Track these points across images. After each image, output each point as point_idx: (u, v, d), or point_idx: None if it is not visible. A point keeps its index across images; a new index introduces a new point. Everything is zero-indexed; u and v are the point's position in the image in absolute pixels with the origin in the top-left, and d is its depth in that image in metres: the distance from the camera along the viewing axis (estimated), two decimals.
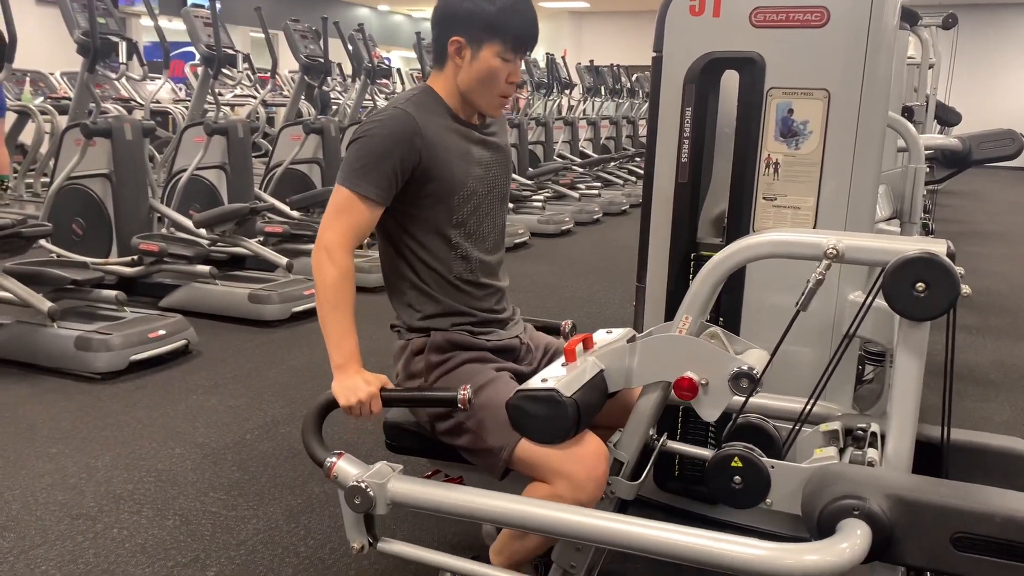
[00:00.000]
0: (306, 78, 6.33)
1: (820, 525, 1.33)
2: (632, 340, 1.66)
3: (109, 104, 7.80)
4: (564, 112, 11.67)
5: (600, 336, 1.74)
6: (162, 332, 3.81)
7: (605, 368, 1.66)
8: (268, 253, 5.03)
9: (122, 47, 5.78)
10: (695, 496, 2.21)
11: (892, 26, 1.96)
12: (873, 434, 1.64)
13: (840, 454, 1.60)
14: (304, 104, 9.00)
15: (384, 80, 9.78)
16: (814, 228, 2.00)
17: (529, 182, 8.47)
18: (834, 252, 1.43)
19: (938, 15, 5.92)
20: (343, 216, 1.72)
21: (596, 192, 9.21)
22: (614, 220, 8.63)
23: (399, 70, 13.14)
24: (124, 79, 8.35)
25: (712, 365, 1.54)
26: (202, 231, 4.88)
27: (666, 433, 2.00)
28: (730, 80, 2.05)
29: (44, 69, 9.14)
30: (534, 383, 1.61)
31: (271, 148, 6.21)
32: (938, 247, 1.39)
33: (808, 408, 1.56)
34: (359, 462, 1.62)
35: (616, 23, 20.23)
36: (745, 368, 1.51)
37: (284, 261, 4.89)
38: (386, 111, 1.78)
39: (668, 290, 2.13)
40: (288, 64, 9.26)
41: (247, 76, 8.86)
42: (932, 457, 1.56)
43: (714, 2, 2.01)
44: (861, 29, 1.91)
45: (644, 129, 9.62)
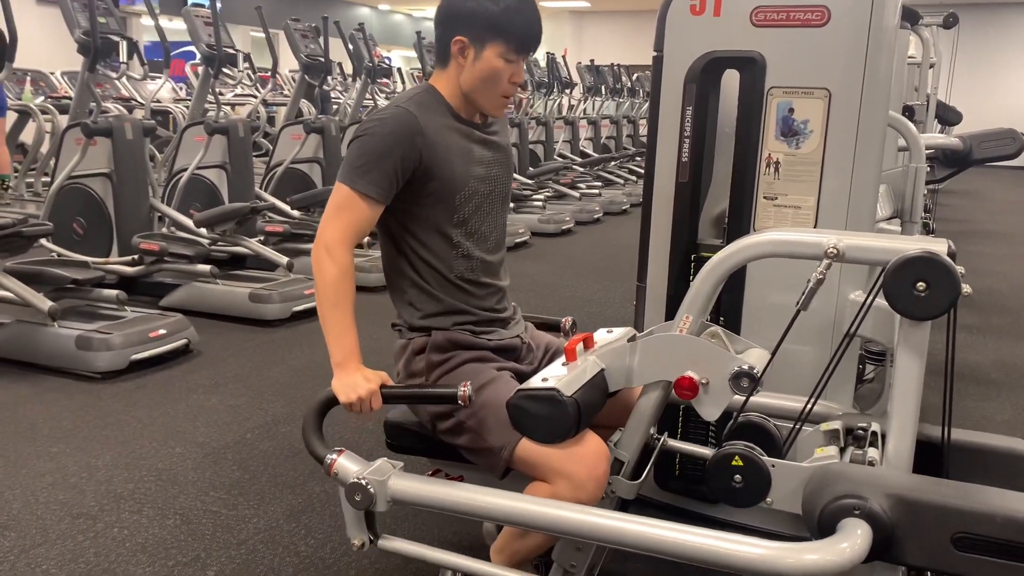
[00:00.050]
0: (307, 77, 6.33)
1: (821, 524, 1.33)
2: (633, 339, 1.66)
3: (110, 103, 7.81)
4: (565, 111, 11.66)
5: (601, 335, 1.74)
6: (163, 331, 3.81)
7: (606, 367, 1.66)
8: (269, 252, 5.03)
9: (123, 46, 5.78)
10: (696, 495, 2.21)
11: (893, 25, 1.96)
12: (874, 433, 1.63)
13: (841, 453, 1.60)
14: (304, 103, 9.00)
15: (384, 80, 9.79)
16: (815, 227, 2.00)
17: (530, 181, 8.47)
18: (835, 251, 1.43)
19: (939, 14, 5.92)
20: (343, 214, 1.72)
21: (597, 191, 9.21)
22: (614, 219, 8.63)
23: (400, 69, 13.14)
24: (125, 78, 8.34)
25: (713, 364, 1.54)
26: (203, 230, 4.88)
27: (667, 432, 1.99)
28: (731, 79, 2.05)
29: (45, 68, 9.15)
30: (535, 382, 1.61)
31: (272, 147, 6.21)
32: (939, 246, 1.39)
33: (809, 407, 1.56)
34: (360, 459, 1.61)
35: (617, 22, 20.23)
36: (746, 367, 1.51)
37: (285, 260, 4.90)
38: (388, 110, 1.78)
39: (668, 289, 2.13)
40: (289, 63, 9.25)
41: (247, 75, 8.85)
42: (933, 457, 1.56)
43: (715, 1, 2.00)
44: (862, 28, 1.91)
45: (645, 128, 9.63)
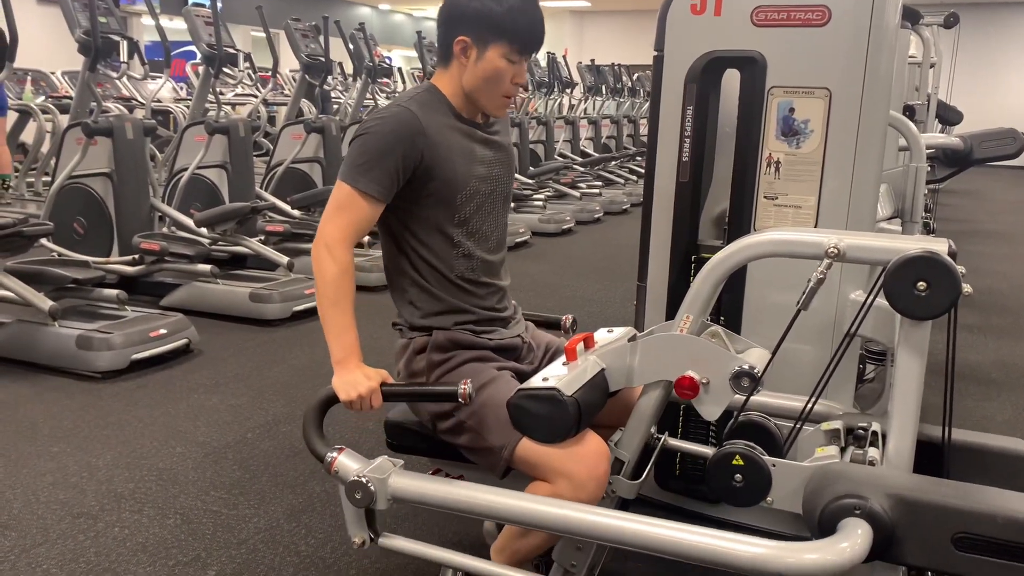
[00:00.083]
0: (307, 77, 6.33)
1: (821, 524, 1.33)
2: (633, 339, 1.66)
3: (110, 103, 7.81)
4: (565, 111, 11.66)
5: (601, 335, 1.74)
6: (163, 331, 3.81)
7: (606, 367, 1.66)
8: (269, 252, 5.03)
9: (123, 46, 5.77)
10: (696, 495, 2.21)
11: (893, 25, 1.96)
12: (874, 433, 1.63)
13: (841, 453, 1.60)
14: (305, 103, 8.99)
15: (385, 79, 9.79)
16: (815, 227, 2.00)
17: (530, 181, 8.47)
18: (835, 251, 1.43)
19: (939, 14, 5.91)
20: (344, 212, 1.72)
21: (597, 191, 9.21)
22: (615, 219, 8.62)
23: (400, 69, 13.14)
24: (125, 78, 8.35)
25: (713, 364, 1.54)
26: (203, 230, 4.88)
27: (667, 431, 2.00)
28: (731, 79, 2.05)
29: (45, 68, 9.16)
30: (535, 382, 1.61)
31: (272, 147, 6.21)
32: (939, 246, 1.39)
33: (809, 407, 1.56)
34: (360, 457, 1.61)
35: (617, 22, 20.23)
36: (746, 367, 1.51)
37: (285, 260, 4.89)
38: (390, 109, 1.78)
39: (669, 289, 2.13)
40: (289, 63, 9.25)
41: (248, 75, 8.83)
42: (933, 457, 1.56)
43: (715, 1, 2.01)
44: (862, 28, 1.91)
45: (645, 128, 9.64)
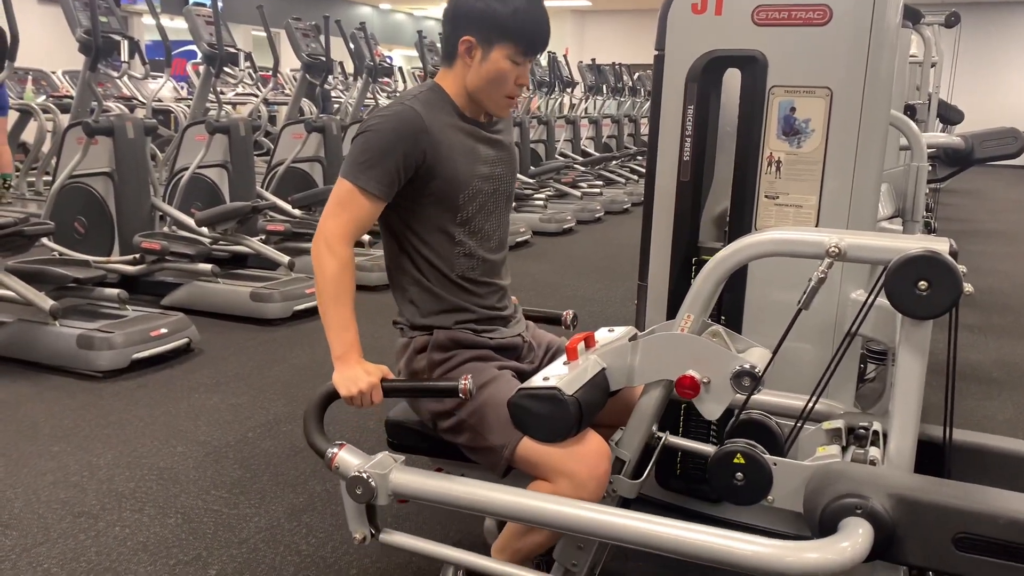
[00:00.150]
0: (308, 77, 6.33)
1: (822, 523, 1.33)
2: (634, 338, 1.66)
3: (111, 102, 7.81)
4: (566, 110, 11.66)
5: (602, 334, 1.74)
6: (164, 330, 3.81)
7: (607, 366, 1.66)
8: (270, 251, 5.03)
9: (124, 45, 5.79)
10: (697, 494, 2.21)
11: (894, 24, 1.96)
12: (875, 433, 1.63)
13: (842, 452, 1.60)
14: (306, 103, 8.99)
15: (386, 79, 9.79)
16: (816, 226, 2.00)
17: (531, 180, 8.47)
18: (836, 250, 1.43)
19: (940, 13, 5.90)
20: (344, 209, 1.72)
21: (598, 191, 9.21)
22: (616, 219, 8.62)
23: (401, 68, 13.14)
24: (126, 77, 8.36)
25: (714, 363, 1.54)
26: (204, 229, 4.88)
27: (668, 430, 1.99)
28: (732, 78, 2.05)
29: (46, 67, 9.17)
30: (536, 381, 1.61)
31: (273, 147, 6.21)
32: (940, 245, 1.39)
33: (810, 406, 1.55)
34: (361, 453, 1.62)
35: (618, 21, 20.23)
36: (747, 367, 1.51)
37: (286, 259, 4.90)
38: (393, 107, 1.78)
39: (670, 288, 2.13)
40: (290, 62, 9.26)
41: (249, 74, 8.85)
42: (934, 457, 1.56)
43: (716, 0, 2.00)
44: (863, 27, 1.91)
45: (646, 128, 9.63)
